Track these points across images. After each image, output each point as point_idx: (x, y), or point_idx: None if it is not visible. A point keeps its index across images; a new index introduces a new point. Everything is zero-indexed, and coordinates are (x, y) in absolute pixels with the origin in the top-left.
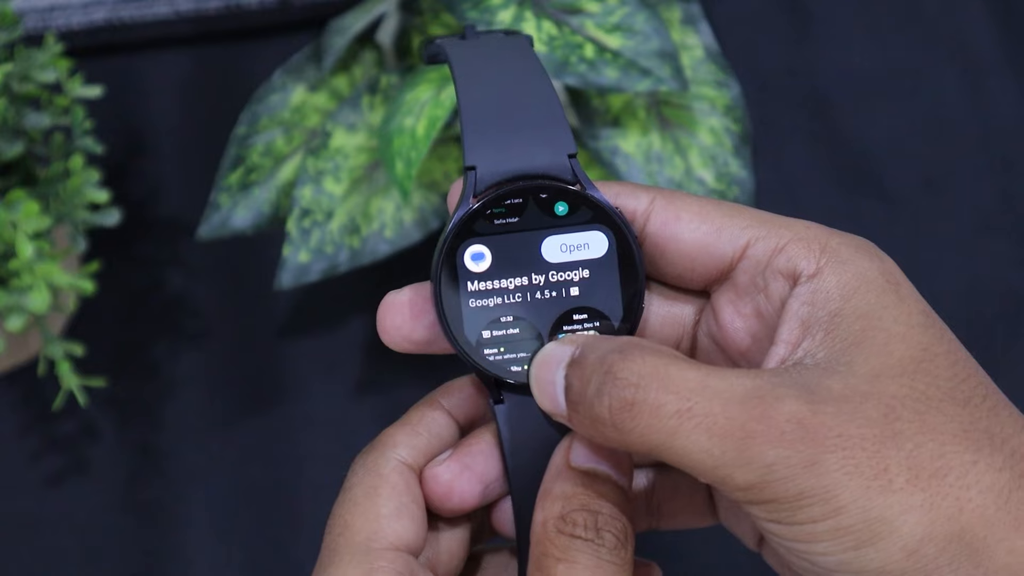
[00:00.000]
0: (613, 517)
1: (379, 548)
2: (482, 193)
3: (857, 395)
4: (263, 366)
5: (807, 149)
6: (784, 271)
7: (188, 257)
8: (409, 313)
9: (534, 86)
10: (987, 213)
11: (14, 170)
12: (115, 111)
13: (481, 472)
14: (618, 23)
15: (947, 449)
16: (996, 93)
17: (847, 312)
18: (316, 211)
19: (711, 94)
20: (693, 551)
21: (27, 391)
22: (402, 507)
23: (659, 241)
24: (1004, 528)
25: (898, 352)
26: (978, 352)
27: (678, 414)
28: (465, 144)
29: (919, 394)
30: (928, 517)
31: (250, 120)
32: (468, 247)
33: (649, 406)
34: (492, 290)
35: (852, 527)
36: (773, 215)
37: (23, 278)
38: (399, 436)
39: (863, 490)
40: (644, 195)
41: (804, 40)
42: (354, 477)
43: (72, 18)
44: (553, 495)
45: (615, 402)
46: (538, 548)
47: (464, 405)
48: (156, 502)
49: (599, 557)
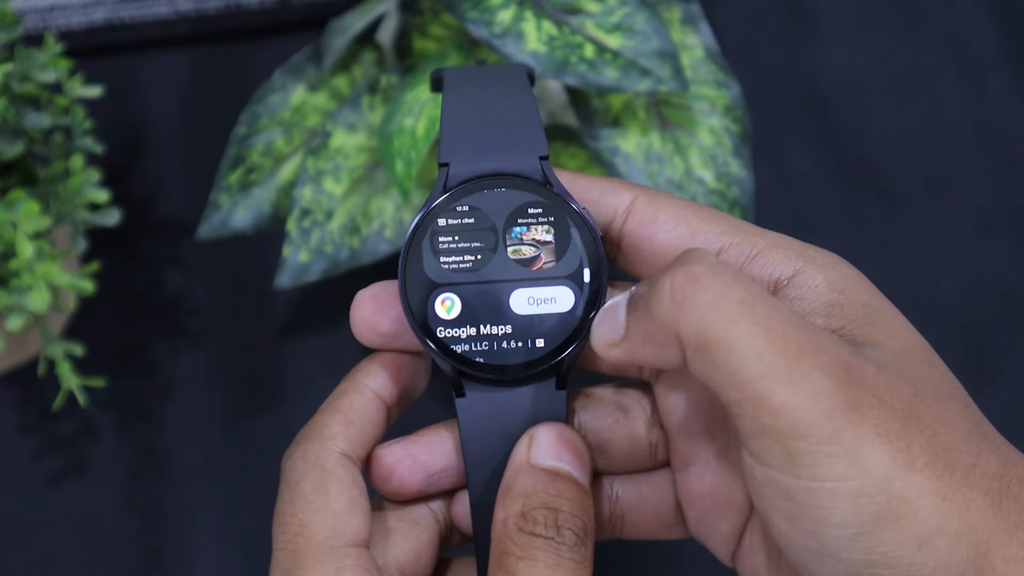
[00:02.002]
0: (573, 514)
1: (340, 546)
2: (452, 187)
3: (889, 368)
4: (263, 366)
5: (807, 149)
6: (758, 278)
7: (188, 257)
8: (376, 306)
9: (513, 99)
10: (987, 213)
11: (14, 170)
12: (115, 111)
13: (424, 461)
14: (618, 23)
15: (956, 446)
16: (996, 93)
17: (845, 301)
18: (316, 211)
19: (711, 94)
20: (699, 552)
21: (27, 391)
22: (353, 501)
23: (636, 240)
24: (1001, 534)
25: (910, 340)
26: (978, 352)
27: (743, 302)
28: (441, 144)
29: (936, 384)
30: (942, 507)
31: (250, 120)
32: (433, 237)
33: (718, 285)
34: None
35: (873, 496)
36: (750, 225)
37: (23, 278)
38: (334, 426)
39: (889, 459)
40: (627, 194)
41: (804, 40)
42: (296, 472)
43: (72, 18)
44: (514, 492)
45: (682, 273)
46: (499, 546)
47: (389, 384)
48: (156, 502)
49: (559, 555)
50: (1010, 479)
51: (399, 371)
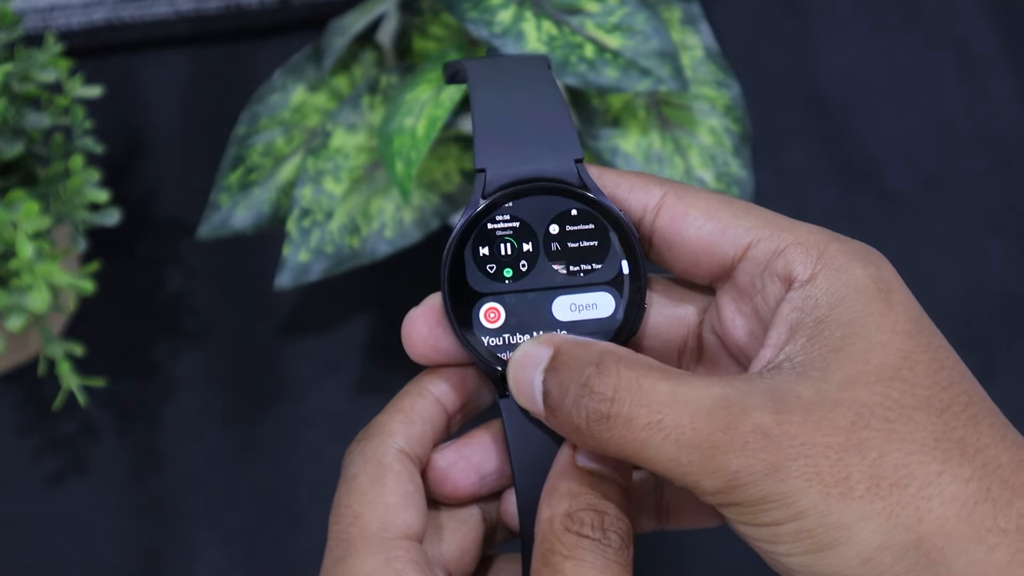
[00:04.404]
0: (618, 518)
1: (392, 538)
2: (491, 194)
3: (827, 402)
4: (263, 366)
5: (807, 149)
6: (781, 274)
7: (188, 257)
8: (433, 322)
9: (544, 97)
10: (987, 213)
11: (14, 170)
12: (115, 111)
13: (477, 463)
14: (618, 23)
15: (912, 459)
16: (996, 93)
17: (831, 319)
18: (316, 211)
19: (711, 94)
20: (698, 552)
21: (27, 391)
22: (407, 496)
23: (667, 236)
24: (964, 540)
25: (876, 359)
26: (978, 352)
27: (648, 427)
28: (476, 148)
29: (892, 402)
30: (886, 526)
31: (250, 120)
32: (475, 247)
33: (623, 419)
34: (499, 289)
35: (812, 531)
36: (781, 217)
37: (23, 278)
38: (394, 425)
39: (823, 496)
40: (657, 189)
41: (804, 40)
42: (354, 467)
43: (72, 18)
44: (560, 492)
45: (591, 414)
46: (544, 544)
47: (451, 393)
48: (156, 502)
49: (606, 557)
50: (990, 482)
51: (463, 382)
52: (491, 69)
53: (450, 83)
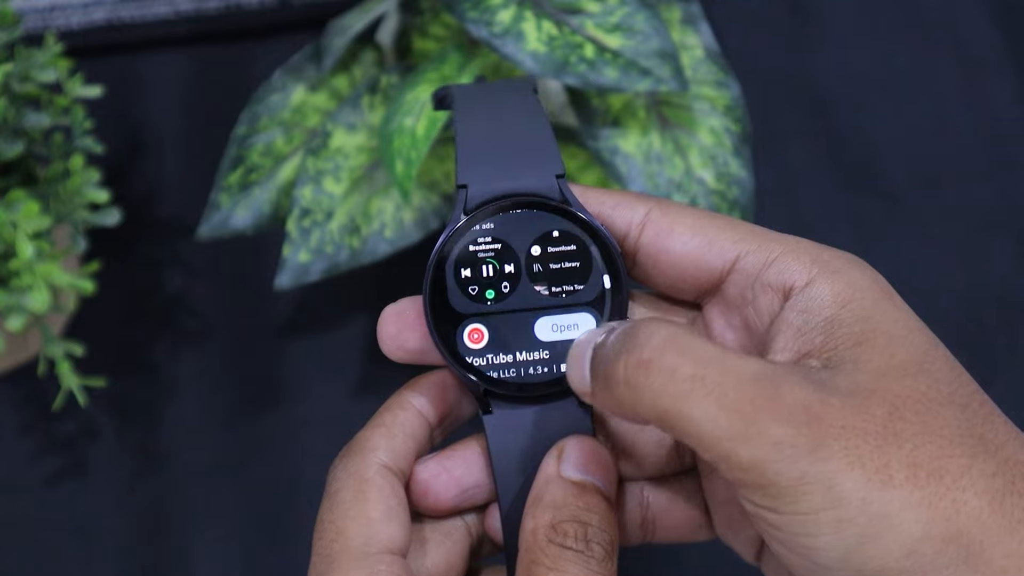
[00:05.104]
0: (601, 529)
1: (375, 552)
2: (472, 210)
3: (863, 390)
4: (263, 366)
5: (807, 149)
6: (775, 284)
7: (188, 257)
8: (403, 323)
9: (526, 117)
10: (987, 213)
11: (14, 170)
12: (115, 111)
13: (459, 476)
14: (618, 23)
15: (944, 452)
16: (996, 93)
17: (843, 317)
18: (316, 211)
19: (711, 94)
20: (690, 564)
21: (27, 391)
22: (390, 510)
23: (652, 252)
24: (999, 532)
25: (900, 354)
26: (978, 353)
27: (692, 379)
28: (458, 166)
29: (920, 395)
30: (927, 515)
31: (250, 120)
32: (457, 267)
33: (665, 367)
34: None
35: (854, 520)
36: (766, 230)
37: (23, 278)
38: (376, 439)
39: (864, 482)
40: (641, 206)
41: (804, 40)
42: (337, 482)
43: (72, 18)
44: (544, 503)
45: (632, 360)
46: (528, 555)
47: (432, 405)
48: (156, 502)
49: (589, 568)
50: (1013, 476)
51: (443, 392)
52: (476, 92)
53: (438, 109)
